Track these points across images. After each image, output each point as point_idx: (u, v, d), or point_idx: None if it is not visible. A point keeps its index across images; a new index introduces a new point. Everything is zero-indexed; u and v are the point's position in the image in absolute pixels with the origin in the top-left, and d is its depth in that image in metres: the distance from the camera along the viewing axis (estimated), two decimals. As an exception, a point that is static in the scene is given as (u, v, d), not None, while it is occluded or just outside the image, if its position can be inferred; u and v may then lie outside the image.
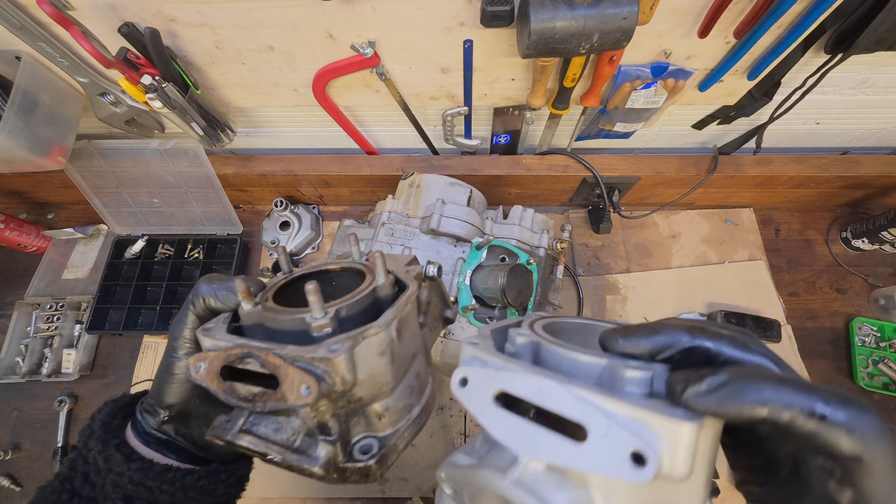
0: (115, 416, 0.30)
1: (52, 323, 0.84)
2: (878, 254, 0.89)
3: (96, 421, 0.30)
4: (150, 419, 0.30)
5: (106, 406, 0.31)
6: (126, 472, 0.27)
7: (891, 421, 0.78)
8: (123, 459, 0.27)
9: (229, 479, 0.30)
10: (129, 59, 0.57)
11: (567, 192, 0.87)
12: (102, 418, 0.30)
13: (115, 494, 0.27)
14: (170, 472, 0.28)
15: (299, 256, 0.90)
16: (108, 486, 0.27)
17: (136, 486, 0.27)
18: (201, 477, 0.29)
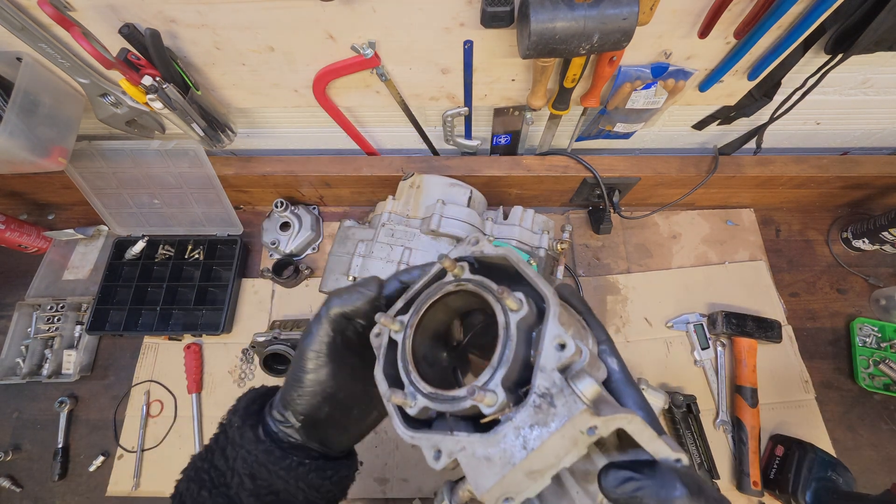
0: (255, 402, 0.33)
1: (52, 324, 0.84)
2: (878, 254, 0.89)
3: (241, 402, 0.33)
4: (278, 424, 0.32)
5: (249, 392, 0.35)
6: (254, 451, 0.30)
7: (892, 421, 0.78)
8: (254, 438, 0.30)
9: (333, 476, 0.33)
10: (129, 59, 0.57)
11: (567, 193, 0.87)
12: (246, 400, 0.33)
13: (242, 469, 0.30)
14: (286, 460, 0.30)
15: (300, 257, 0.90)
16: (239, 460, 0.30)
17: (260, 467, 0.30)
18: (311, 470, 0.31)
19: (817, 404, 0.78)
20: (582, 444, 0.21)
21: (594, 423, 0.20)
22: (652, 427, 0.22)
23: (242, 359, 0.83)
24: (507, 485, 0.21)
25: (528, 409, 0.21)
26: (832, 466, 0.67)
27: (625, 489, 0.21)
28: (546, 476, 0.21)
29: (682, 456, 0.22)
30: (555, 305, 0.23)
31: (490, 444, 0.22)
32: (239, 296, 0.88)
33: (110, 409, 0.81)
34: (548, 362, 0.22)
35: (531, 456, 0.20)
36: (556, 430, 0.20)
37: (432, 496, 0.70)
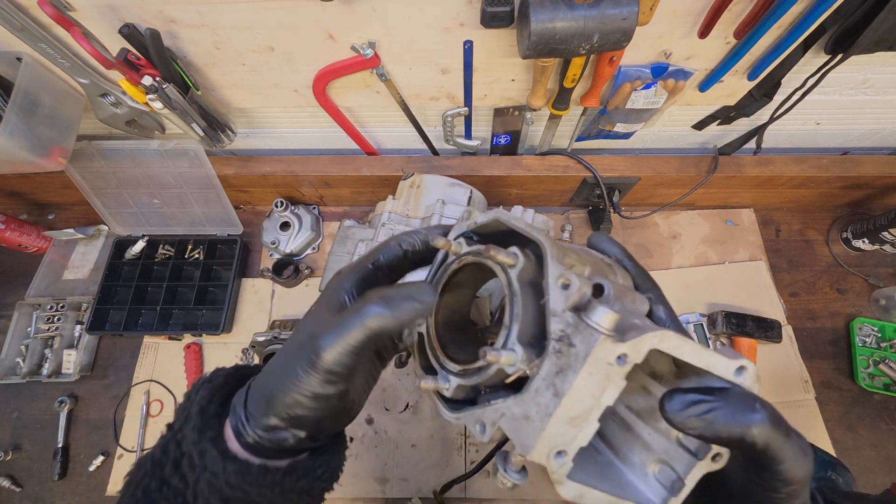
0: (212, 401, 0.27)
1: (52, 323, 0.84)
2: (878, 254, 0.89)
3: (193, 404, 0.27)
4: (264, 437, 0.26)
5: (202, 388, 0.28)
6: (222, 474, 0.24)
7: (892, 421, 0.78)
8: (219, 457, 0.25)
9: (324, 473, 0.28)
10: (129, 60, 0.57)
11: (567, 193, 0.87)
12: (199, 402, 0.27)
13: (210, 496, 0.25)
14: (268, 475, 0.25)
15: (300, 257, 0.90)
16: (203, 484, 0.25)
17: (234, 489, 0.25)
18: (300, 477, 0.26)
19: (817, 404, 0.78)
20: (617, 378, 0.19)
21: (621, 351, 0.19)
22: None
23: (242, 359, 0.83)
24: (552, 437, 0.20)
25: (551, 358, 0.21)
26: (832, 466, 0.67)
27: (692, 412, 0.19)
28: (591, 420, 0.20)
29: (744, 361, 0.20)
30: (549, 247, 0.23)
31: (524, 402, 0.21)
32: (239, 296, 0.88)
33: (110, 408, 0.81)
34: (557, 304, 0.21)
35: (564, 402, 0.19)
36: (581, 369, 0.19)
37: (432, 496, 0.70)
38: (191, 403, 0.27)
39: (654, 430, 0.23)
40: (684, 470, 0.21)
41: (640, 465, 0.23)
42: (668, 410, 0.20)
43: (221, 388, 0.28)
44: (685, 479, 0.21)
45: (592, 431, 0.20)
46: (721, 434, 0.19)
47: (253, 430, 0.25)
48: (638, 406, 0.24)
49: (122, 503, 0.27)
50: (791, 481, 0.20)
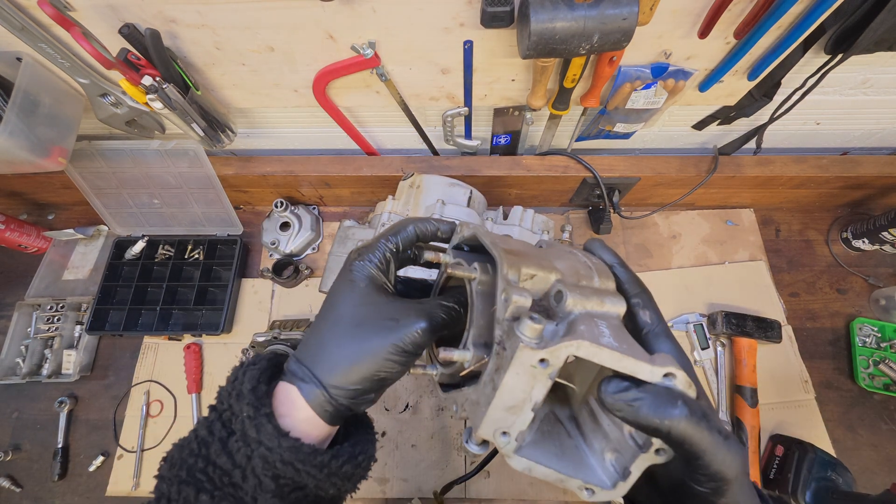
0: (261, 381, 0.28)
1: (52, 324, 0.84)
2: (878, 254, 0.89)
3: (244, 383, 0.28)
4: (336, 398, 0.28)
5: (249, 370, 0.29)
6: (277, 449, 0.25)
7: (892, 421, 0.78)
8: (275, 433, 0.26)
9: (364, 461, 0.31)
10: (129, 60, 0.57)
11: (567, 193, 0.87)
12: (250, 381, 0.28)
13: (262, 471, 0.26)
14: (318, 456, 0.27)
15: (299, 257, 0.90)
16: (256, 459, 0.26)
17: (286, 466, 0.26)
18: (345, 462, 0.29)
19: (817, 404, 0.78)
20: (542, 378, 0.23)
21: (540, 357, 0.22)
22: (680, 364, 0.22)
23: (242, 359, 0.83)
24: (493, 420, 0.24)
25: (493, 358, 0.25)
26: (832, 466, 0.67)
27: (622, 397, 0.21)
28: (525, 410, 0.23)
29: (673, 369, 0.22)
30: (500, 260, 0.26)
31: (476, 391, 0.26)
32: (239, 296, 0.88)
33: (110, 409, 0.81)
34: (500, 314, 0.25)
35: (499, 394, 0.23)
36: (508, 369, 0.23)
37: (432, 496, 0.70)
38: (240, 383, 0.28)
39: (612, 423, 0.26)
40: (630, 460, 0.24)
41: (600, 451, 0.26)
42: (602, 391, 0.22)
43: (266, 370, 0.30)
44: (631, 468, 0.24)
45: (528, 420, 0.24)
46: (642, 422, 0.21)
47: (336, 395, 0.28)
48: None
49: (162, 486, 0.27)
50: (714, 476, 0.22)
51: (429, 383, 0.80)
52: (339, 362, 0.29)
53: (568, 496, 0.72)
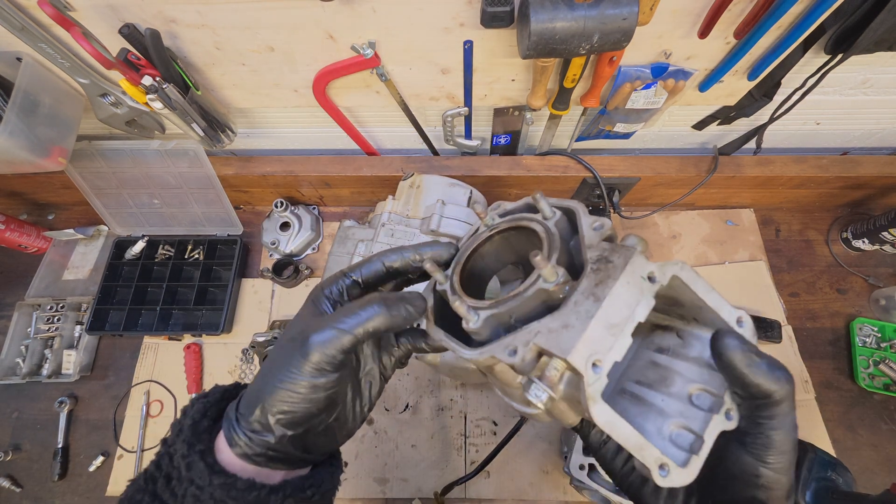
0: (205, 416, 0.28)
1: (52, 324, 0.84)
2: (878, 254, 0.89)
3: (186, 418, 0.28)
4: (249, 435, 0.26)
5: (196, 403, 0.28)
6: (207, 487, 0.25)
7: (892, 421, 0.78)
8: (206, 471, 0.25)
9: (314, 495, 0.27)
10: (129, 60, 0.57)
11: (567, 193, 0.87)
12: (193, 416, 0.28)
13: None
14: (254, 491, 0.25)
15: (299, 257, 0.90)
16: (189, 498, 0.25)
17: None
18: (287, 496, 0.26)
19: (817, 404, 0.78)
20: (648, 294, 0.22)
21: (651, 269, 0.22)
22: None
23: (242, 359, 0.83)
24: (591, 341, 0.21)
25: (589, 276, 0.23)
26: (832, 466, 0.67)
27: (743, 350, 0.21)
28: (625, 331, 0.21)
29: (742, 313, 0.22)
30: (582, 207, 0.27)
31: (564, 315, 0.23)
32: (239, 296, 0.88)
33: (110, 409, 0.81)
34: (592, 240, 0.24)
35: (605, 305, 0.21)
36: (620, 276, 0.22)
37: (432, 496, 0.70)
38: (185, 418, 0.28)
39: (666, 396, 0.25)
40: (701, 427, 0.22)
41: (656, 431, 0.24)
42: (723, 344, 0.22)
43: (216, 403, 0.29)
44: (703, 434, 0.22)
45: (626, 345, 0.21)
46: (758, 379, 0.21)
47: (242, 432, 0.26)
48: (648, 379, 0.26)
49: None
50: (785, 449, 0.22)
51: (429, 383, 0.80)
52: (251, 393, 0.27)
53: (568, 496, 0.72)
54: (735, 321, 0.22)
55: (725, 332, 0.22)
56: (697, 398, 0.24)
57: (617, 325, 0.21)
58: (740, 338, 0.22)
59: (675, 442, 0.23)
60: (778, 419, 0.22)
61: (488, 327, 0.26)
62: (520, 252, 0.32)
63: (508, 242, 0.32)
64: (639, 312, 0.21)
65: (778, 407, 0.21)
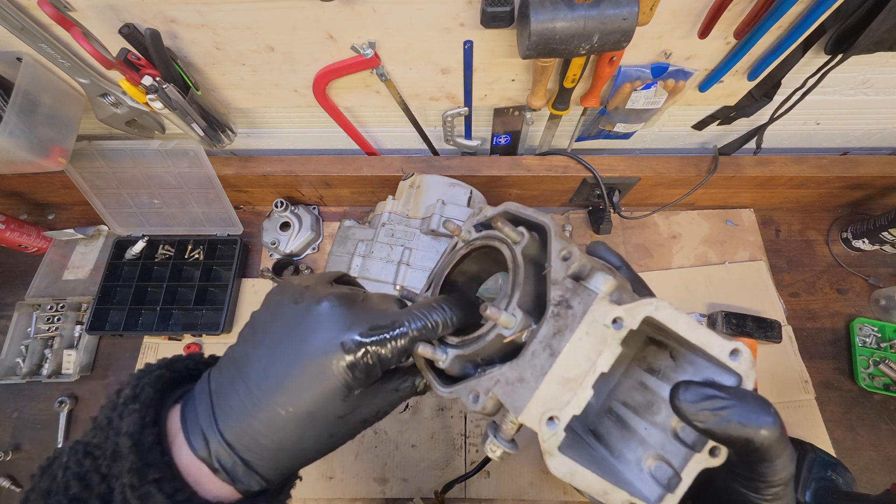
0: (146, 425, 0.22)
1: (52, 324, 0.84)
2: (878, 254, 0.89)
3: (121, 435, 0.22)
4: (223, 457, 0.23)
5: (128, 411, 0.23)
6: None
7: (892, 421, 0.78)
8: (165, 501, 0.21)
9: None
10: (129, 60, 0.57)
11: (567, 193, 0.87)
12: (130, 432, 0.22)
13: None
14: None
15: (300, 257, 0.90)
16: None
17: None
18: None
19: (817, 404, 0.78)
20: (613, 343, 0.20)
21: (617, 314, 0.19)
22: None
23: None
24: (545, 399, 0.20)
25: (549, 321, 0.21)
26: (832, 466, 0.67)
27: (706, 406, 0.19)
28: (585, 386, 0.20)
29: (738, 344, 0.20)
30: (553, 226, 0.24)
31: (520, 365, 0.21)
32: (239, 296, 0.88)
33: (110, 409, 0.80)
34: (558, 274, 0.22)
35: (560, 360, 0.20)
36: (578, 327, 0.20)
37: (432, 496, 0.70)
38: (116, 434, 0.22)
39: (650, 425, 0.23)
40: (681, 464, 0.21)
41: (636, 461, 0.22)
42: (681, 400, 0.19)
43: (152, 402, 0.24)
44: (682, 473, 0.21)
45: (586, 398, 0.20)
46: (731, 432, 0.19)
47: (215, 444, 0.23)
48: (634, 402, 0.25)
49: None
50: (776, 483, 0.20)
51: (429, 383, 0.80)
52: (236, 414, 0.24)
53: (568, 496, 0.72)
54: (728, 355, 0.20)
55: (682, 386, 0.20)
56: (682, 431, 0.22)
57: (573, 379, 0.20)
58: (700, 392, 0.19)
59: (653, 475, 0.22)
60: (767, 461, 0.19)
61: (458, 365, 0.26)
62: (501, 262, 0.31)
63: (489, 256, 0.30)
64: (601, 364, 0.20)
65: (765, 452, 0.19)
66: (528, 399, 0.20)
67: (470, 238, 0.30)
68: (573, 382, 0.20)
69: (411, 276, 0.67)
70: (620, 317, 0.19)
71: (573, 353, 0.20)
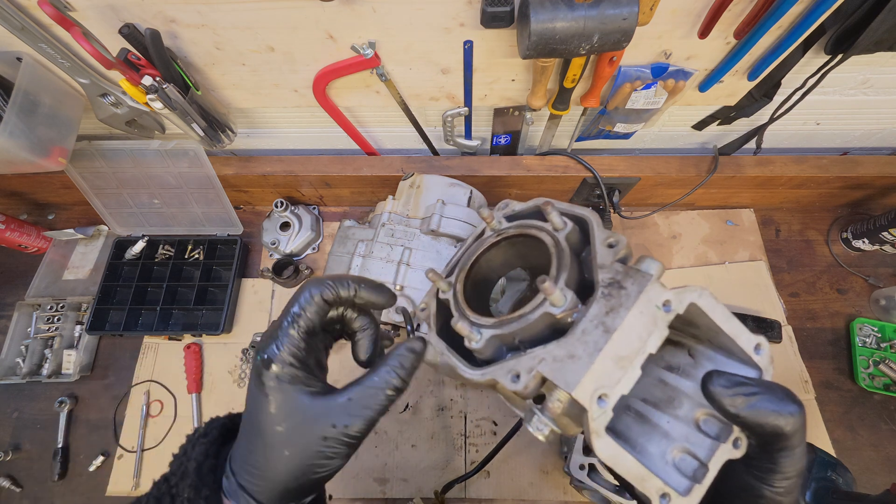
0: (208, 456, 0.28)
1: (52, 324, 0.84)
2: (878, 254, 0.89)
3: (190, 461, 0.28)
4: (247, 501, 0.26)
5: (198, 444, 0.28)
6: None
7: (892, 421, 0.78)
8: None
9: None
10: (129, 60, 0.57)
11: (567, 193, 0.87)
12: (196, 458, 0.27)
13: None
14: None
15: (300, 257, 0.90)
16: None
17: None
18: None
19: (817, 404, 0.78)
20: (662, 324, 0.20)
21: (667, 297, 0.20)
22: None
23: (242, 359, 0.83)
24: (599, 375, 0.20)
25: (599, 301, 0.22)
26: (832, 466, 0.67)
27: (739, 391, 0.20)
28: (635, 364, 0.20)
29: (761, 339, 0.21)
30: (595, 218, 0.25)
31: (570, 343, 0.21)
32: (239, 296, 0.88)
33: (110, 409, 0.81)
34: (604, 259, 0.23)
35: (615, 337, 0.20)
36: (633, 306, 0.20)
37: (432, 496, 0.70)
38: (188, 459, 0.28)
39: (672, 419, 0.23)
40: (706, 455, 0.21)
41: (660, 454, 0.23)
42: (715, 386, 0.20)
43: (217, 440, 0.29)
44: (708, 463, 0.21)
45: (635, 377, 0.20)
46: (761, 419, 0.19)
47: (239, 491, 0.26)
48: (654, 397, 0.25)
49: None
50: (791, 475, 0.21)
51: (429, 383, 0.80)
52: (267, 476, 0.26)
53: (568, 496, 0.72)
54: (753, 348, 0.21)
55: (715, 374, 0.21)
56: (705, 423, 0.22)
57: (626, 357, 0.20)
58: (732, 379, 0.20)
59: (678, 467, 0.22)
60: (787, 449, 0.20)
61: (491, 347, 0.25)
62: (527, 258, 0.30)
63: (516, 248, 0.30)
64: (651, 344, 0.20)
65: (789, 439, 0.20)
66: (583, 374, 0.20)
67: (500, 227, 0.30)
68: (625, 360, 0.20)
69: (411, 275, 0.67)
70: (670, 300, 0.20)
71: (628, 331, 0.20)
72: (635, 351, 0.20)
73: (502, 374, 0.23)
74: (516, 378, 0.23)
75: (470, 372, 0.25)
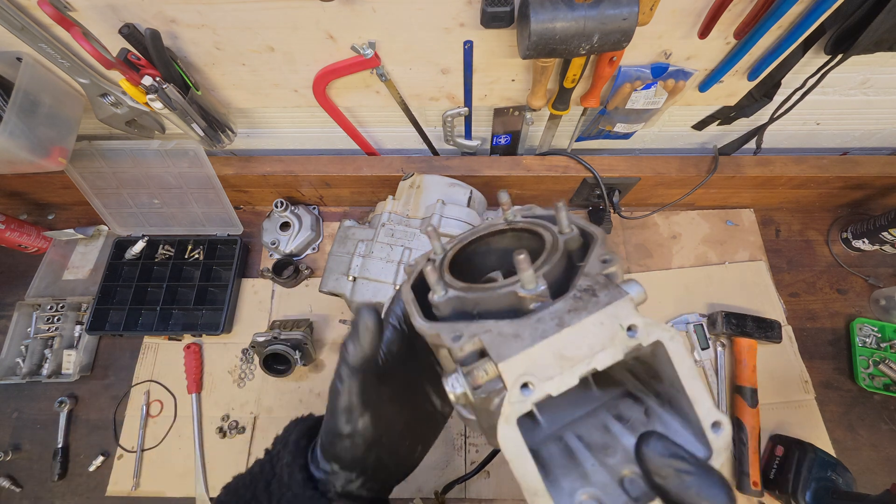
0: (304, 436, 0.31)
1: (52, 324, 0.84)
2: (878, 254, 0.89)
3: (292, 434, 0.31)
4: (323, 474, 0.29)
5: (299, 424, 0.32)
6: (302, 496, 0.28)
7: (892, 421, 0.78)
8: (302, 482, 0.28)
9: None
10: (129, 60, 0.57)
11: (567, 193, 0.87)
12: (297, 433, 0.31)
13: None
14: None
15: (300, 257, 0.90)
16: (284, 502, 0.28)
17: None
18: None
19: (817, 404, 0.78)
20: (619, 345, 0.19)
21: (635, 321, 0.19)
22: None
23: (242, 359, 0.83)
24: (533, 360, 0.19)
25: (567, 300, 0.21)
26: (832, 467, 0.67)
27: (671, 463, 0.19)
28: (575, 370, 0.19)
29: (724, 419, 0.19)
30: (602, 236, 0.25)
31: (521, 325, 0.21)
32: (239, 296, 0.88)
33: (110, 409, 0.81)
34: (592, 269, 0.22)
35: (565, 333, 0.19)
36: (597, 311, 0.19)
37: (433, 496, 0.70)
38: (289, 434, 0.32)
39: (599, 465, 0.22)
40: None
41: (569, 491, 0.21)
42: (649, 448, 0.19)
43: (313, 427, 0.32)
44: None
45: (568, 385, 0.19)
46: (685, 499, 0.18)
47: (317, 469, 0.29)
48: (591, 439, 0.24)
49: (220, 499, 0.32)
50: None
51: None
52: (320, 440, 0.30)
53: (568, 496, 0.72)
54: (710, 424, 0.19)
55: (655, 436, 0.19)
56: (630, 482, 0.21)
57: (569, 359, 0.19)
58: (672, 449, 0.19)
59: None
60: None
61: (450, 307, 0.25)
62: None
63: (519, 242, 0.31)
64: (599, 359, 0.19)
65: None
66: (517, 352, 0.19)
67: (513, 218, 0.30)
68: (566, 361, 0.19)
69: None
70: (637, 325, 0.19)
71: (581, 334, 0.19)
72: (580, 357, 0.19)
73: (446, 330, 0.23)
74: (458, 338, 0.22)
75: (421, 321, 0.25)
